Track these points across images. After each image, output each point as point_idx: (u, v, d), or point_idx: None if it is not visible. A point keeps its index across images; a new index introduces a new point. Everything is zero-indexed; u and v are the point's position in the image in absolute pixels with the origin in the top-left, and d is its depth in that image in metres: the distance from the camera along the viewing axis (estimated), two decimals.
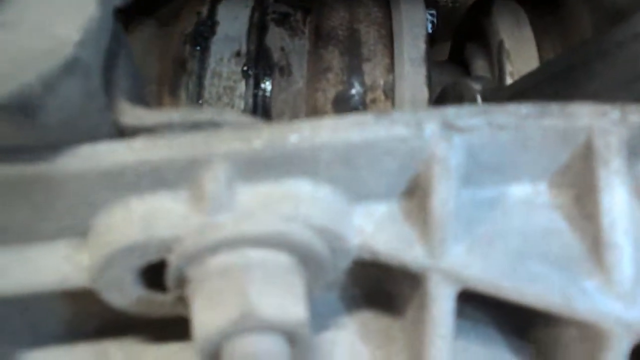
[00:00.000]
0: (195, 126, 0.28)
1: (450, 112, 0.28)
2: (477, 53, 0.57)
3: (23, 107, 0.23)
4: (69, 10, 0.26)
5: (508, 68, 0.52)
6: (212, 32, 0.50)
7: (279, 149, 0.27)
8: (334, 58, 0.49)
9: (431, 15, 0.55)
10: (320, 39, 0.50)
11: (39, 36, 0.25)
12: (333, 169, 0.28)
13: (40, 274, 0.29)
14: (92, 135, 0.27)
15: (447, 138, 0.28)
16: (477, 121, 0.28)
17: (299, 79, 0.49)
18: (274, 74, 0.49)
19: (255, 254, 0.27)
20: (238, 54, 0.49)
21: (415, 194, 0.30)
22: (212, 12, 0.51)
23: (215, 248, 0.27)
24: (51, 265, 0.29)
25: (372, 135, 0.27)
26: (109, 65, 0.28)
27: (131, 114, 0.27)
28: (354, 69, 0.49)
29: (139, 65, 0.34)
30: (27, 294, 0.29)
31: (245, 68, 0.49)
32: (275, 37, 0.50)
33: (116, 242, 0.27)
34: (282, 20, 0.51)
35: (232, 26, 0.50)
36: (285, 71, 0.49)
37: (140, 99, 0.33)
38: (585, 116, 0.28)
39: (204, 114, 0.28)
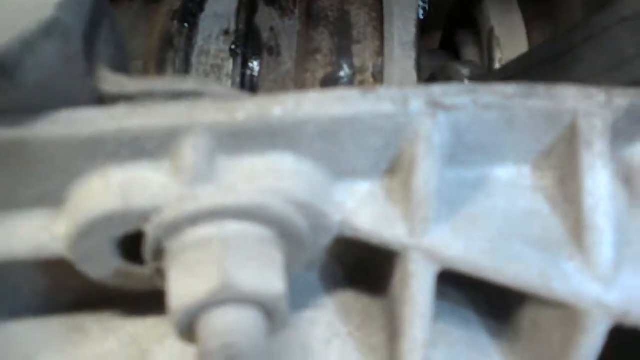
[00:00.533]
0: (177, 96, 0.27)
1: (437, 89, 0.27)
2: (468, 39, 0.57)
3: (2, 65, 0.23)
4: None
5: (497, 55, 0.52)
6: (201, 9, 0.50)
7: (262, 122, 0.27)
8: (323, 39, 0.49)
9: (422, 1, 0.55)
10: (310, 19, 0.50)
11: None
12: (316, 143, 0.28)
13: (16, 242, 0.28)
14: (71, 101, 0.26)
15: (432, 115, 0.27)
16: (463, 99, 0.28)
17: (288, 59, 0.49)
18: (262, 54, 0.49)
19: (235, 226, 0.27)
20: (226, 32, 0.49)
21: (398, 172, 0.29)
22: None
23: (194, 219, 0.26)
24: (27, 234, 0.28)
25: (357, 110, 0.27)
26: (91, 32, 0.28)
27: (112, 81, 0.27)
28: (343, 50, 0.49)
29: (125, 40, 0.33)
30: (1, 262, 0.28)
31: (233, 47, 0.48)
32: (265, 16, 0.50)
33: (94, 211, 0.26)
34: (272, 0, 0.50)
35: (221, 4, 0.50)
36: (274, 51, 0.49)
37: (123, 69, 0.32)
38: (571, 98, 0.28)
39: (187, 83, 0.27)
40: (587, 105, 0.28)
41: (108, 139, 0.26)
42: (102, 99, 0.27)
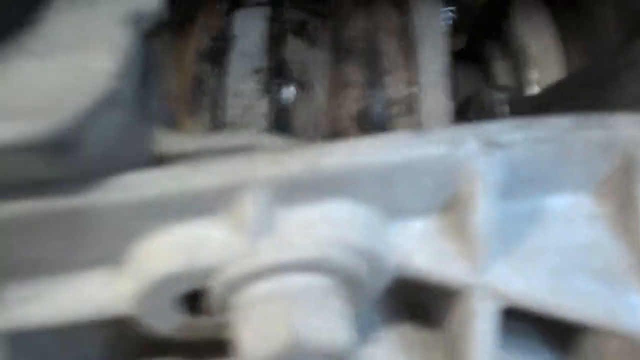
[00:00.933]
0: (232, 150, 0.27)
1: (491, 128, 0.27)
2: (498, 54, 0.56)
3: (62, 144, 0.23)
4: (100, 37, 0.26)
5: (533, 75, 0.51)
6: (229, 47, 0.49)
7: (316, 173, 0.27)
8: (354, 72, 0.48)
9: (451, 11, 0.54)
10: (339, 51, 0.49)
11: (74, 68, 0.25)
12: (370, 188, 0.28)
13: (80, 303, 0.29)
14: (130, 165, 0.26)
15: (488, 154, 0.27)
16: (518, 136, 0.27)
17: (320, 94, 0.49)
18: (294, 90, 0.49)
19: (297, 280, 0.27)
20: (257, 70, 0.49)
21: (452, 209, 0.29)
22: (228, 25, 0.50)
23: (257, 275, 0.26)
24: (90, 294, 0.29)
25: (410, 155, 0.27)
26: (141, 90, 0.28)
27: (168, 141, 0.27)
28: (375, 83, 0.48)
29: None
30: (66, 323, 0.29)
31: (265, 85, 0.48)
32: (294, 49, 0.49)
33: (159, 271, 0.27)
34: (300, 30, 0.50)
35: (249, 39, 0.49)
36: (305, 86, 0.49)
37: (167, 116, 0.33)
38: (626, 127, 0.28)
39: (241, 138, 0.27)
40: None
41: (171, 200, 0.26)
42: (159, 159, 0.27)
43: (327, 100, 0.49)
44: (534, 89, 0.52)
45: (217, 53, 0.49)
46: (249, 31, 0.50)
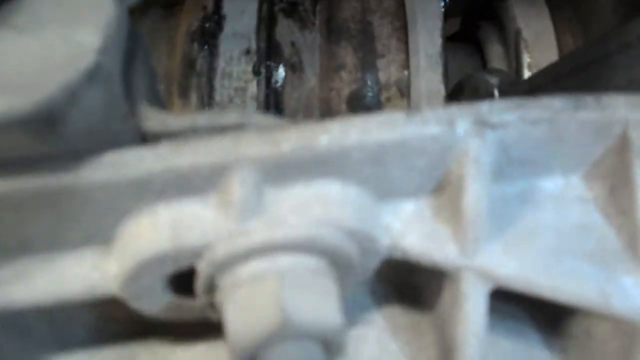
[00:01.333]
0: (220, 129, 0.27)
1: (483, 108, 0.27)
2: (492, 38, 0.55)
3: (46, 119, 0.22)
4: (84, 12, 0.25)
5: (526, 59, 0.51)
6: (220, 28, 0.48)
7: (308, 152, 0.26)
8: (347, 54, 0.48)
9: None
10: (331, 32, 0.48)
11: (58, 42, 0.24)
12: (362, 168, 0.27)
13: (68, 283, 0.28)
14: (115, 143, 0.26)
15: (480, 135, 0.27)
16: (510, 116, 0.27)
17: (311, 76, 0.48)
18: (285, 72, 0.48)
19: (287, 259, 0.26)
20: (247, 51, 0.48)
21: (444, 191, 0.29)
22: (218, 6, 0.49)
23: (246, 255, 0.26)
24: (77, 274, 0.28)
25: (404, 134, 0.27)
26: (127, 68, 0.27)
27: (155, 119, 0.26)
28: (367, 65, 0.47)
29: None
30: (54, 303, 0.29)
31: (255, 67, 0.47)
32: (285, 30, 0.48)
33: (145, 251, 0.26)
34: (291, 11, 0.49)
35: (240, 20, 0.48)
36: (296, 68, 0.48)
37: (157, 96, 0.32)
38: (621, 108, 0.27)
39: (230, 117, 0.27)
40: (638, 114, 0.27)
41: (156, 179, 0.26)
42: (144, 137, 0.27)
43: (319, 83, 0.48)
44: (527, 73, 0.51)
45: (208, 34, 0.49)
46: (240, 11, 0.49)
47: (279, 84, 0.48)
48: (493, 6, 0.55)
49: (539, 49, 0.50)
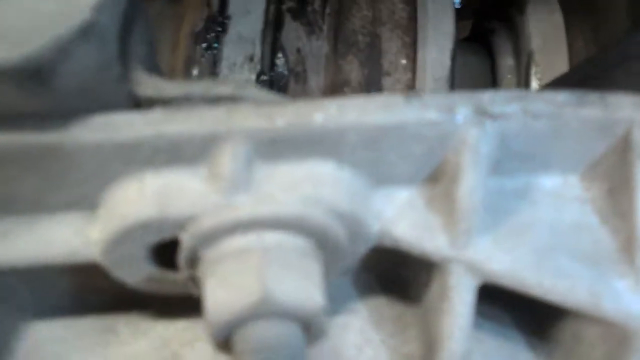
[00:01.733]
0: (215, 100, 0.26)
1: (485, 97, 0.26)
2: (505, 47, 0.54)
3: (36, 72, 0.22)
4: None
5: (536, 78, 0.50)
6: (224, 30, 0.47)
7: (303, 129, 0.26)
8: (352, 70, 0.46)
9: None
10: (339, 42, 0.47)
11: None
12: (357, 150, 0.27)
13: (48, 246, 0.28)
14: (107, 105, 0.25)
15: (480, 124, 0.26)
16: (512, 108, 0.26)
17: (315, 89, 0.47)
18: (289, 82, 0.46)
19: (273, 237, 0.26)
20: (251, 58, 0.46)
21: (439, 180, 0.28)
22: (224, 4, 0.47)
23: (232, 229, 0.25)
24: (60, 238, 0.28)
25: (402, 118, 0.26)
26: (125, 32, 0.27)
27: (148, 84, 0.26)
28: (372, 83, 0.46)
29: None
30: (34, 265, 0.28)
31: (258, 77, 0.46)
32: (291, 34, 0.46)
33: (129, 218, 0.26)
34: (299, 12, 0.47)
35: (246, 23, 0.46)
36: (300, 78, 0.46)
37: (156, 67, 0.31)
38: (626, 107, 0.27)
39: (225, 87, 0.26)
40: None
41: (145, 145, 0.25)
42: (138, 103, 0.26)
43: (322, 97, 0.47)
44: (536, 81, 0.50)
45: (211, 37, 0.47)
46: (246, 11, 0.47)
47: (281, 95, 0.46)
48: (505, 9, 0.54)
49: (550, 67, 0.49)
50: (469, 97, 0.27)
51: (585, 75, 0.39)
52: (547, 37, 0.51)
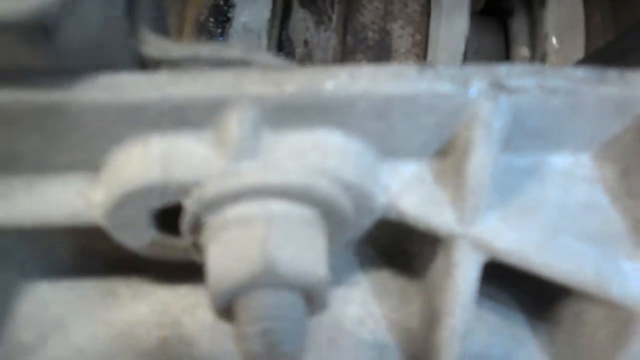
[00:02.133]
0: (223, 63, 0.25)
1: (501, 69, 0.26)
2: (521, 24, 0.52)
3: (40, 26, 0.21)
4: None
5: (552, 47, 0.48)
6: (228, 20, 0.44)
7: (312, 96, 0.25)
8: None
9: None
10: (348, 36, 0.44)
11: None
12: (366, 121, 0.26)
13: (51, 207, 0.27)
14: (112, 64, 0.25)
15: (494, 98, 0.25)
16: (528, 82, 0.26)
17: None
18: None
19: (278, 206, 0.25)
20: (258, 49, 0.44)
21: (449, 154, 0.28)
22: None
23: (236, 196, 0.25)
24: (62, 199, 0.27)
25: (414, 88, 0.25)
26: None
27: (155, 44, 0.25)
28: None
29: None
30: (37, 226, 0.28)
31: None
32: (299, 23, 0.44)
33: (132, 182, 0.25)
34: (308, 1, 0.44)
35: (252, 10, 0.43)
36: None
37: (164, 30, 0.31)
38: None
39: (233, 51, 0.25)
40: None
41: (150, 107, 0.24)
42: (143, 63, 0.26)
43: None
44: (552, 60, 0.49)
45: (217, 25, 0.45)
46: (252, 1, 0.45)
47: None
48: None
49: (566, 36, 0.48)
50: (484, 70, 0.26)
51: (604, 59, 0.38)
52: (565, 20, 0.49)
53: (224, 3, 0.44)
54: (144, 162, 0.25)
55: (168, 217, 0.28)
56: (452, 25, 0.44)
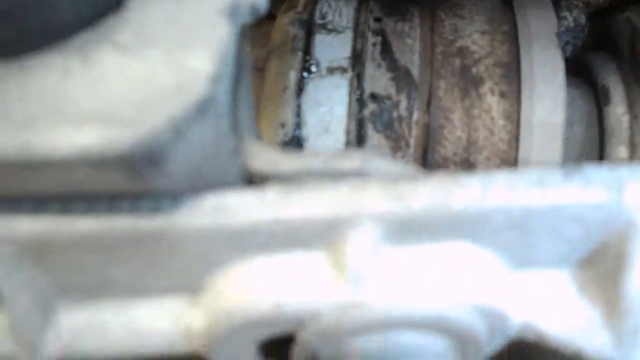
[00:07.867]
0: (336, 175, 0.23)
1: None
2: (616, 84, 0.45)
3: (148, 157, 0.19)
4: (197, 31, 0.22)
5: None
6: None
7: (441, 212, 0.22)
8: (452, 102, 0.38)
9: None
10: (427, 168, 0.38)
11: (166, 66, 0.21)
12: (502, 234, 0.23)
13: (145, 337, 0.25)
14: (218, 183, 0.22)
15: None
16: None
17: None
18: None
19: (406, 338, 0.22)
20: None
21: (595, 264, 0.24)
22: (299, 124, 0.39)
23: (360, 330, 0.22)
24: (159, 327, 0.25)
25: (559, 198, 0.22)
26: (234, 99, 0.24)
27: (263, 158, 0.23)
28: (469, 117, 0.38)
29: None
30: (130, 356, 0.25)
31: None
32: (375, 150, 0.37)
33: (241, 313, 0.22)
34: (381, 116, 0.37)
35: (326, 144, 0.37)
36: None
37: (255, 126, 0.28)
38: None
39: (349, 161, 0.23)
40: None
41: (260, 230, 0.22)
42: (250, 177, 0.23)
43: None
44: None
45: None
46: (323, 130, 0.39)
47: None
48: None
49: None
50: (637, 171, 0.22)
51: None
52: None
53: (295, 138, 0.38)
54: (252, 291, 0.22)
55: (275, 345, 0.25)
56: (546, 60, 0.36)
